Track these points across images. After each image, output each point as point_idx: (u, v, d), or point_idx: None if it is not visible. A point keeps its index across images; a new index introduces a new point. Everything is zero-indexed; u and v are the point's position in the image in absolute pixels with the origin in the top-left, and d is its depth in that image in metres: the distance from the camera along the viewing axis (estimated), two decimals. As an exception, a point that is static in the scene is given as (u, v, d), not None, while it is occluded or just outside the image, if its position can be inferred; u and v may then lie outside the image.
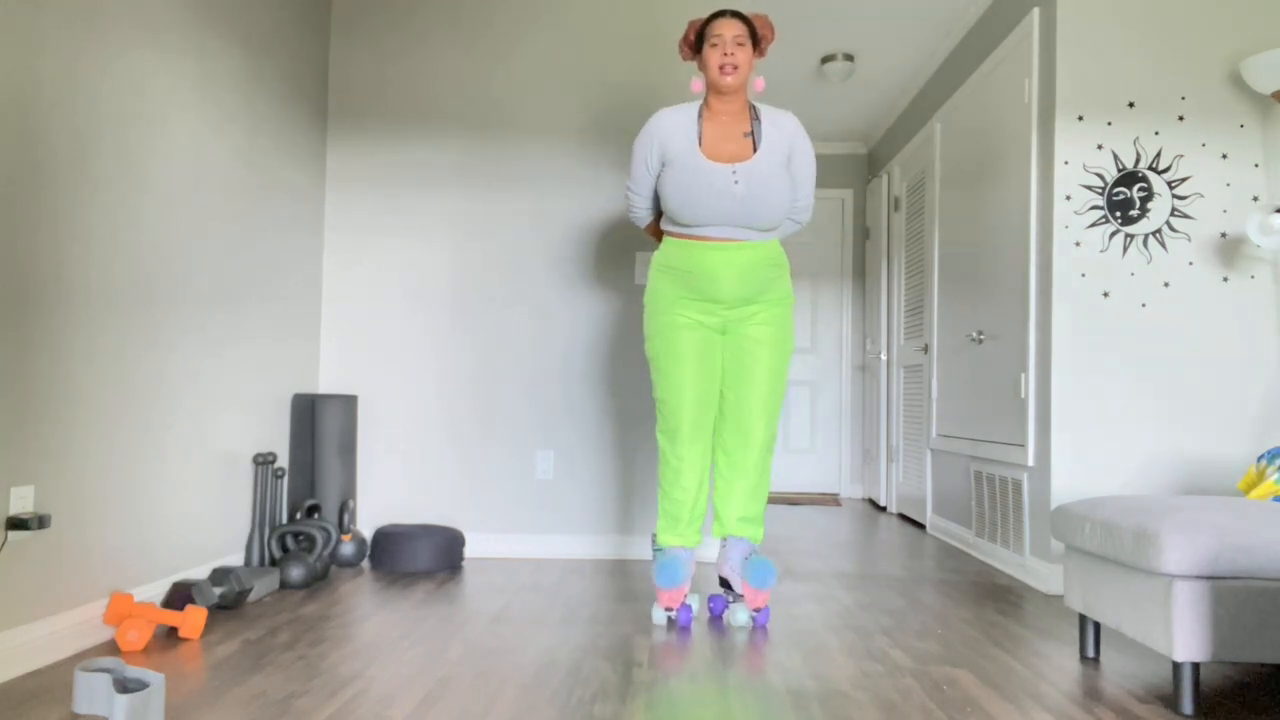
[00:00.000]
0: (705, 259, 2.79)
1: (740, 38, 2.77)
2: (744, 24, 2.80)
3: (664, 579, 2.78)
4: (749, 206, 2.74)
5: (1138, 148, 3.45)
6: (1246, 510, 2.22)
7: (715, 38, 2.77)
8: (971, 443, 4.30)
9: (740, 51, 2.76)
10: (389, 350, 4.00)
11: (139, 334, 2.70)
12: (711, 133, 2.81)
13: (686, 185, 2.74)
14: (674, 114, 2.84)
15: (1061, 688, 2.27)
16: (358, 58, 4.05)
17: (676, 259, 2.83)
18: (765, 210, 2.76)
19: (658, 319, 2.86)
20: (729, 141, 2.80)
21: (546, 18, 4.04)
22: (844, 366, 6.87)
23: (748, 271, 2.79)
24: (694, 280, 2.80)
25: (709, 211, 2.75)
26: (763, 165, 2.76)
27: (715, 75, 2.77)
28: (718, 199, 2.73)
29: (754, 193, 2.74)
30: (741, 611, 2.83)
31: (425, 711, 2.01)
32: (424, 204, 4.02)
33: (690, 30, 2.86)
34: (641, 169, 2.88)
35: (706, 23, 2.82)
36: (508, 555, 3.94)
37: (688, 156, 2.76)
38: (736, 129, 2.82)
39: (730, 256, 2.78)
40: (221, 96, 3.15)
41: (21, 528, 2.19)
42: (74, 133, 2.41)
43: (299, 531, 3.37)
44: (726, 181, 2.73)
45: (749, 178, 2.74)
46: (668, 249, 2.86)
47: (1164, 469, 3.41)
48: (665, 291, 2.85)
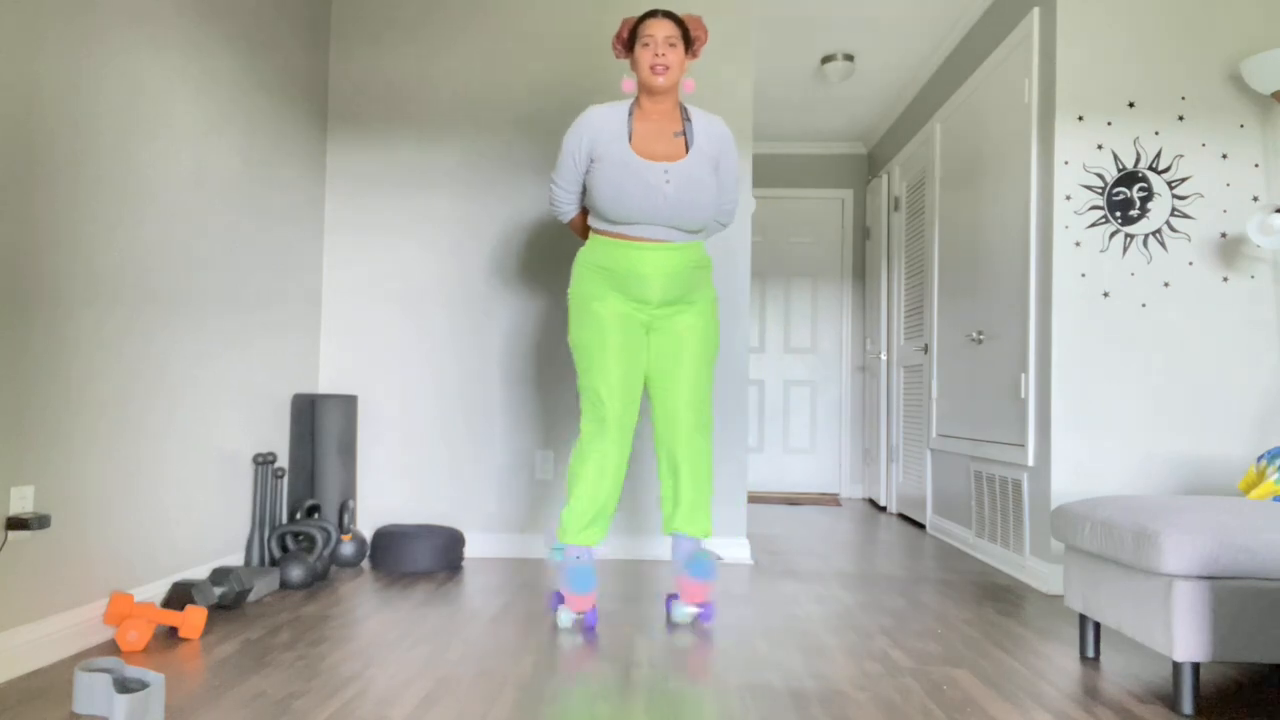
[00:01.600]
0: (634, 259, 2.79)
1: (672, 38, 2.76)
2: (676, 25, 2.79)
3: (578, 587, 2.73)
4: (678, 207, 2.75)
5: (1138, 148, 3.45)
6: (1246, 510, 2.22)
7: (647, 38, 2.76)
8: (971, 443, 4.30)
9: (672, 52, 2.76)
10: (389, 350, 4.00)
11: (139, 334, 2.70)
12: (642, 131, 2.81)
13: (618, 182, 2.73)
14: (605, 110, 2.83)
15: (1061, 688, 2.27)
16: (358, 58, 4.05)
17: (604, 258, 2.82)
18: (693, 211, 2.77)
19: (584, 308, 2.83)
20: (660, 141, 2.80)
21: (546, 18, 4.04)
22: (844, 366, 6.87)
23: (676, 273, 2.81)
24: (622, 280, 2.80)
25: (639, 210, 2.75)
26: (693, 166, 2.77)
27: (647, 75, 2.76)
28: (648, 197, 2.73)
29: (683, 193, 2.75)
30: (682, 606, 2.82)
31: (425, 711, 2.01)
32: (424, 204, 4.02)
33: (624, 28, 2.86)
34: (569, 163, 2.85)
35: (639, 22, 2.81)
36: (508, 555, 3.94)
37: (619, 154, 2.76)
38: (668, 128, 2.82)
39: (659, 258, 2.79)
40: (221, 96, 3.15)
41: (21, 528, 2.19)
42: (74, 133, 2.41)
43: (299, 531, 3.37)
44: (658, 180, 2.74)
45: (679, 178, 2.75)
46: (595, 247, 2.84)
47: (1164, 469, 3.41)
48: (590, 288, 2.83)
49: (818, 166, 6.97)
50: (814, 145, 6.95)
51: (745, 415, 3.98)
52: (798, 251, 6.95)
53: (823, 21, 4.74)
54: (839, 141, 6.92)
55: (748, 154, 3.99)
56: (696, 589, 2.80)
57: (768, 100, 5.95)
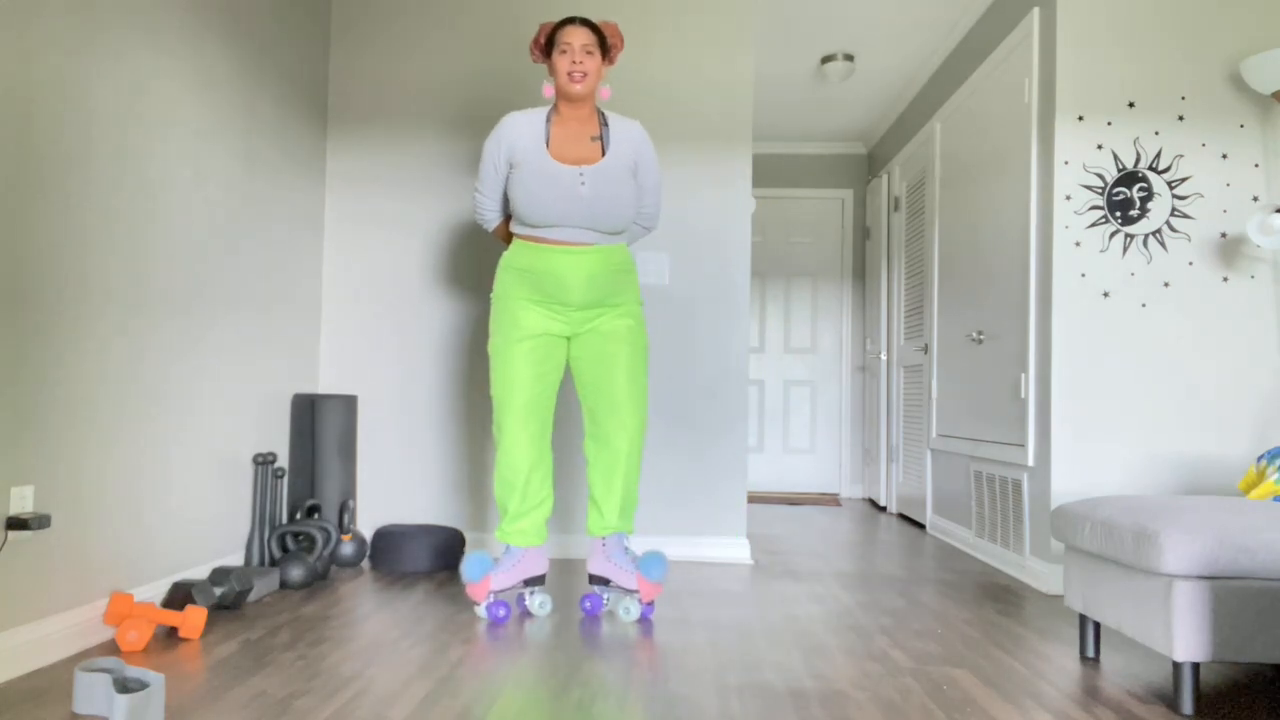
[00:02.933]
0: (553, 262, 2.82)
1: (589, 46, 2.81)
2: (593, 32, 2.83)
3: (465, 573, 2.83)
4: (594, 208, 2.79)
5: (1138, 148, 3.45)
6: (1246, 510, 2.22)
7: (565, 45, 2.81)
8: (971, 443, 4.30)
9: (589, 60, 2.81)
10: (389, 350, 4.00)
11: (139, 334, 2.70)
12: (559, 136, 2.85)
13: (534, 186, 2.78)
14: (523, 116, 2.88)
15: (1061, 688, 2.27)
16: (358, 58, 4.05)
17: (525, 260, 2.85)
18: (610, 213, 2.81)
19: (501, 317, 2.87)
20: (577, 144, 2.85)
21: (546, 18, 4.04)
22: (844, 366, 6.87)
23: (595, 275, 2.84)
24: (542, 282, 2.84)
25: (555, 212, 2.79)
26: (609, 169, 2.82)
27: (564, 82, 2.81)
28: (564, 200, 2.77)
29: (599, 194, 2.79)
30: (634, 605, 2.87)
31: (425, 711, 2.01)
32: (424, 204, 4.02)
33: (541, 33, 2.89)
34: (490, 170, 2.91)
35: (556, 29, 2.85)
36: (508, 555, 3.93)
37: (535, 158, 2.80)
38: (585, 133, 2.87)
39: (577, 260, 2.82)
40: (221, 97, 3.15)
41: (21, 528, 2.19)
42: (74, 133, 2.41)
43: (299, 531, 3.37)
44: (573, 182, 2.78)
45: (595, 180, 2.79)
46: (516, 250, 2.88)
47: (1164, 469, 3.41)
48: (512, 291, 2.87)
49: (818, 166, 6.97)
50: (814, 145, 6.95)
51: (745, 415, 3.98)
52: (798, 251, 6.95)
53: (823, 21, 4.74)
54: (839, 141, 6.92)
55: (748, 154, 3.99)
56: (653, 588, 2.86)
57: (768, 100, 5.95)
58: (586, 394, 2.93)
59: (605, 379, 2.89)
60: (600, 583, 2.93)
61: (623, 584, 2.88)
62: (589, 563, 2.96)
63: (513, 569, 2.88)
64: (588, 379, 2.91)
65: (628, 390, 2.89)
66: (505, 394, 2.85)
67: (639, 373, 2.92)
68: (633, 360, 2.90)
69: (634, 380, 2.90)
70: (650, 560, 2.86)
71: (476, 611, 2.89)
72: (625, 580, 2.88)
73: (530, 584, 2.93)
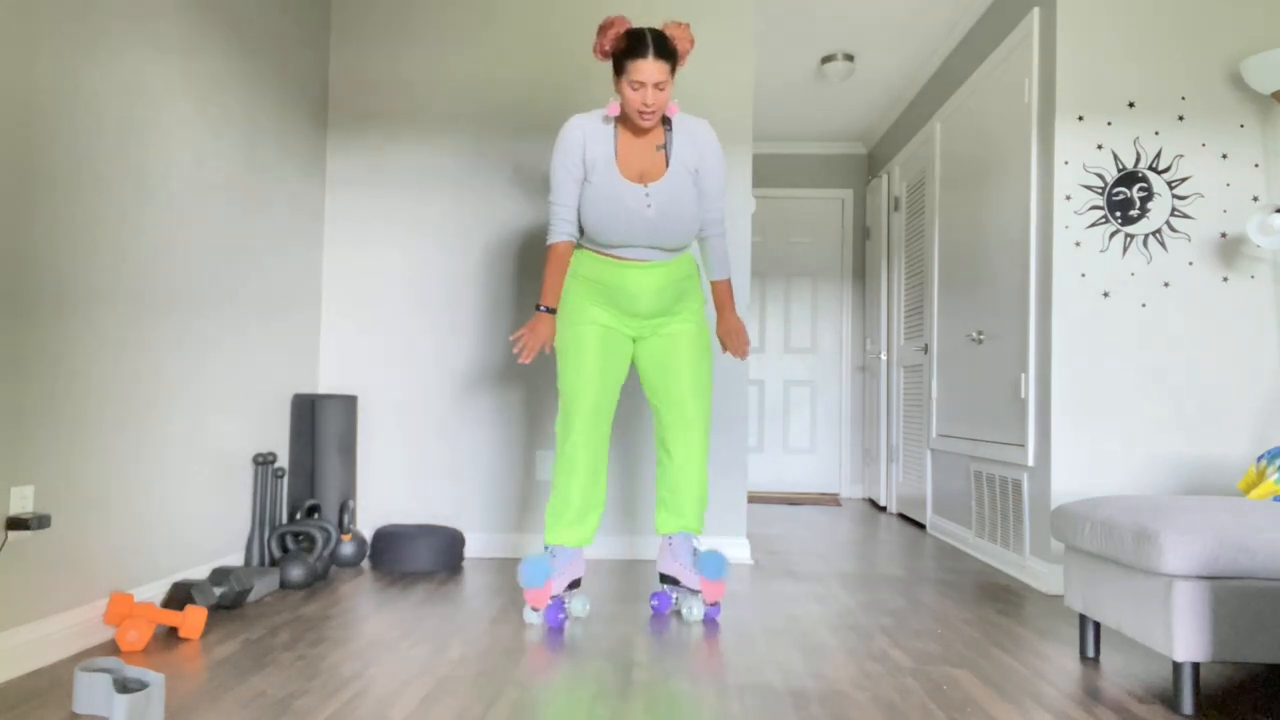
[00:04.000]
0: (622, 277, 2.83)
1: (661, 82, 2.65)
2: (666, 61, 2.65)
3: (525, 579, 2.76)
4: (659, 228, 2.78)
5: (1138, 148, 3.45)
6: (1246, 510, 2.22)
7: (637, 83, 2.65)
8: (971, 443, 4.30)
9: (661, 96, 2.67)
10: (389, 350, 4.00)
11: (139, 334, 2.70)
12: (626, 147, 2.80)
13: (603, 207, 2.76)
14: (588, 122, 2.79)
15: (1061, 688, 2.27)
16: (358, 59, 4.05)
17: (593, 272, 2.86)
18: (675, 232, 2.80)
19: (569, 315, 2.87)
20: (642, 157, 2.80)
21: (547, 17, 4.04)
22: (844, 366, 6.87)
23: (663, 288, 2.85)
24: (609, 293, 2.85)
25: (623, 233, 2.79)
26: (674, 183, 2.78)
27: (634, 116, 2.70)
28: (630, 221, 2.76)
29: (665, 214, 2.77)
30: (698, 606, 2.86)
31: (425, 711, 2.01)
32: (424, 204, 4.02)
33: (605, 39, 2.71)
34: (565, 180, 2.78)
35: (628, 53, 2.65)
36: (508, 555, 3.94)
37: (605, 173, 2.76)
38: (650, 142, 2.81)
39: (646, 275, 2.83)
40: (221, 98, 3.15)
41: (21, 528, 2.19)
42: (74, 134, 2.41)
43: (299, 531, 3.37)
44: (639, 204, 2.76)
45: (660, 199, 2.77)
46: (584, 261, 2.87)
47: (1164, 469, 3.41)
48: (580, 295, 2.87)
49: (818, 166, 6.97)
50: (814, 145, 6.95)
51: (745, 415, 3.98)
52: (798, 251, 6.95)
53: (823, 21, 4.74)
54: (839, 141, 6.92)
55: (748, 154, 3.99)
56: (716, 588, 2.85)
57: (768, 100, 5.95)
58: (654, 395, 2.93)
59: (672, 380, 2.89)
60: (670, 582, 2.93)
61: (688, 584, 2.88)
62: (659, 561, 2.96)
63: (565, 571, 2.85)
64: (654, 380, 2.91)
65: (693, 390, 2.88)
66: (575, 392, 2.83)
67: (704, 373, 2.91)
68: (698, 361, 2.90)
69: (700, 380, 2.90)
70: (708, 560, 2.85)
71: (529, 618, 2.83)
72: (690, 580, 2.88)
73: (571, 587, 2.91)
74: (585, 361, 2.83)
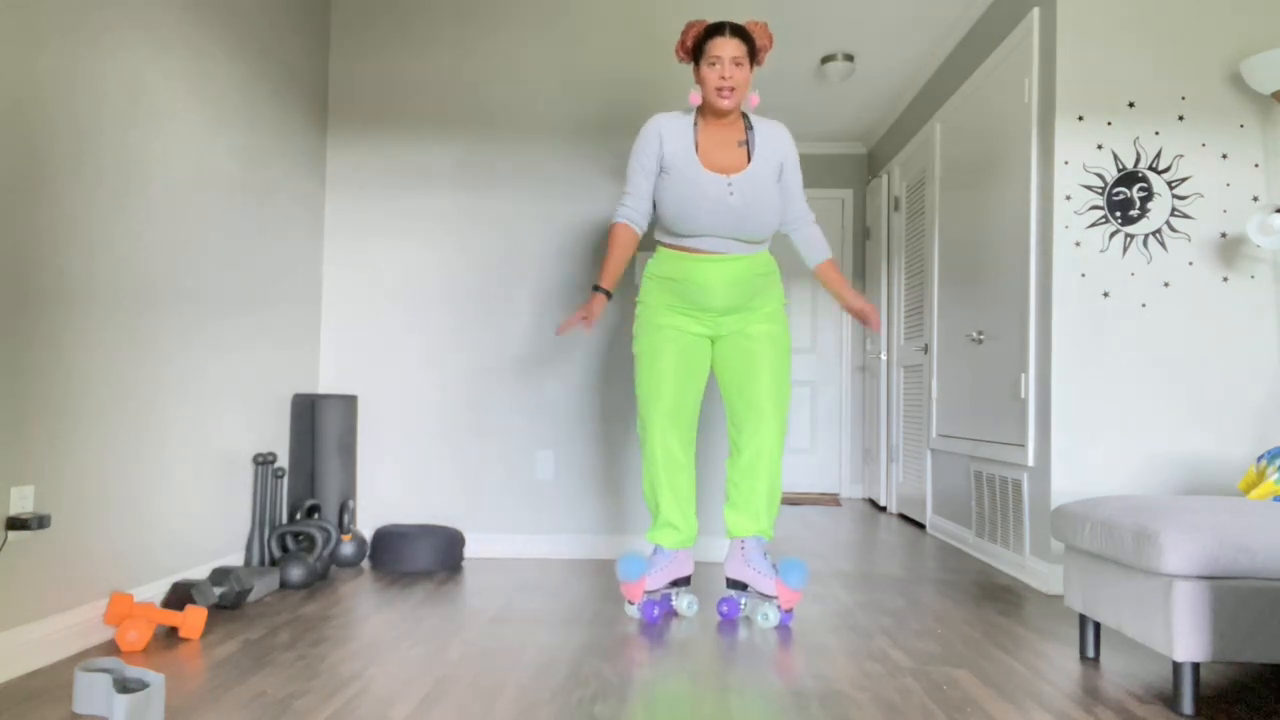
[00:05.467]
0: (697, 271, 2.83)
1: (739, 58, 2.74)
2: (743, 42, 2.76)
3: (620, 573, 2.87)
4: (742, 218, 2.78)
5: (1138, 148, 3.45)
6: (1246, 510, 2.22)
7: (714, 57, 2.74)
8: (971, 443, 4.30)
9: (738, 72, 2.75)
10: (389, 350, 4.00)
11: (139, 334, 2.70)
12: (707, 141, 2.83)
13: (684, 195, 2.77)
14: (671, 120, 2.85)
15: (1061, 688, 2.27)
16: (358, 59, 4.05)
17: (669, 270, 2.87)
18: (758, 222, 2.80)
19: (647, 319, 2.90)
20: (724, 151, 2.83)
21: (546, 18, 4.04)
22: (844, 366, 6.87)
23: (738, 281, 2.84)
24: (686, 290, 2.85)
25: (704, 223, 2.79)
26: (757, 177, 2.80)
27: (712, 96, 2.77)
28: (713, 210, 2.77)
29: (748, 204, 2.78)
30: (774, 612, 2.83)
31: (425, 711, 2.01)
32: (424, 205, 4.02)
33: (687, 36, 2.84)
34: (639, 173, 2.86)
35: (706, 36, 2.77)
36: (508, 555, 3.94)
37: (686, 165, 2.79)
38: (731, 138, 2.85)
39: (721, 268, 2.83)
40: (221, 98, 3.15)
41: (21, 528, 2.19)
42: (74, 134, 2.41)
43: (299, 531, 3.37)
44: (722, 192, 2.77)
45: (743, 189, 2.78)
46: (661, 260, 2.91)
47: (1164, 469, 3.41)
48: (656, 298, 2.90)
49: (818, 166, 6.97)
50: (814, 145, 6.95)
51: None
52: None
53: (823, 21, 4.74)
54: (839, 141, 6.92)
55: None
56: (794, 595, 2.83)
57: (768, 100, 5.95)
58: (730, 395, 2.91)
59: (749, 380, 2.87)
60: (737, 587, 2.91)
61: (761, 589, 2.85)
62: (727, 565, 2.93)
63: (664, 569, 2.89)
64: (731, 380, 2.90)
65: (771, 392, 2.86)
66: (651, 393, 2.85)
67: (782, 374, 2.89)
68: (776, 361, 2.88)
69: (777, 382, 2.88)
70: (791, 566, 2.83)
71: (629, 611, 2.91)
72: (764, 585, 2.85)
73: (677, 584, 2.93)
74: (661, 366, 2.85)
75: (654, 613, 2.85)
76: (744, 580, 2.89)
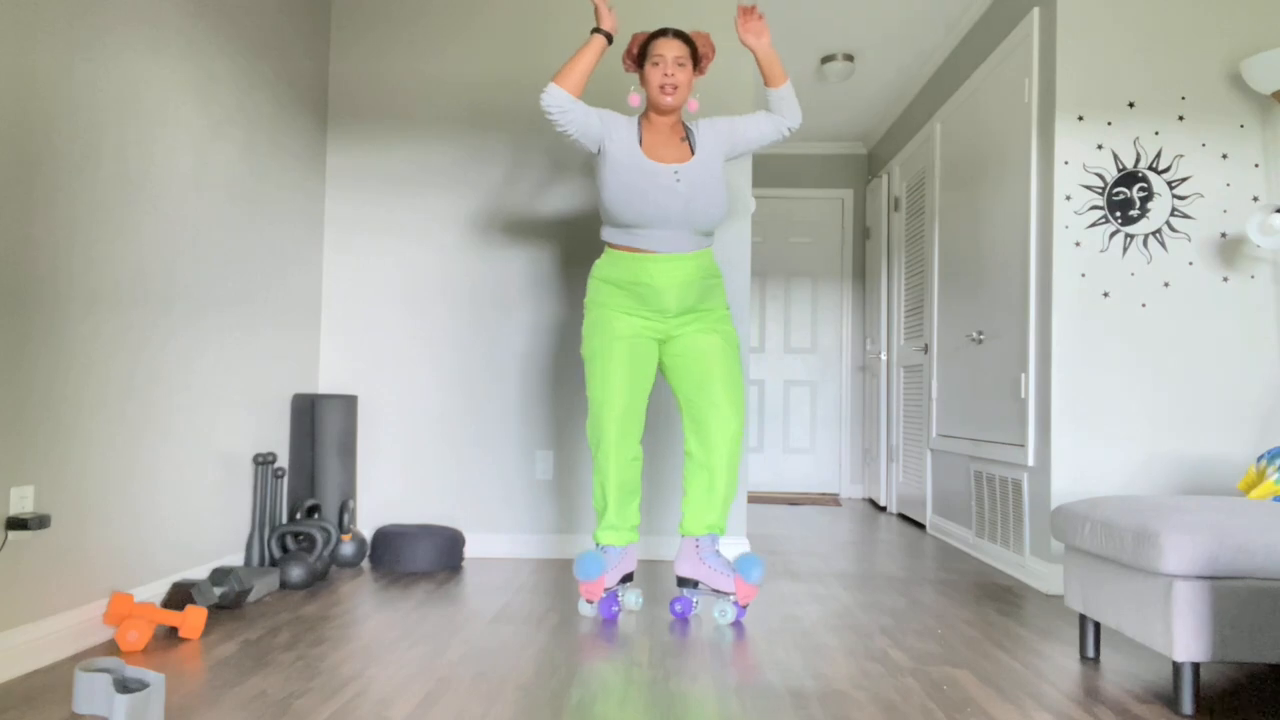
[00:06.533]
0: (647, 271, 2.84)
1: (681, 58, 2.83)
2: (686, 44, 2.85)
3: (580, 572, 2.86)
4: (691, 206, 2.81)
5: (1138, 148, 3.45)
6: (1246, 510, 2.22)
7: (657, 57, 2.83)
8: (971, 443, 4.30)
9: (680, 72, 2.82)
10: (389, 350, 4.00)
11: (139, 334, 2.70)
12: (651, 139, 2.88)
13: (631, 183, 2.79)
14: (613, 114, 2.90)
15: (1061, 688, 2.27)
16: (358, 58, 4.05)
17: (619, 272, 2.87)
18: (706, 210, 2.83)
19: (596, 320, 2.90)
20: (668, 148, 2.88)
21: (545, 18, 4.04)
22: (844, 366, 6.87)
23: (690, 281, 2.86)
24: (637, 291, 2.86)
25: (651, 211, 2.79)
26: (702, 166, 2.84)
27: (655, 94, 2.84)
28: (661, 197, 2.79)
29: (696, 192, 2.81)
30: (731, 608, 2.86)
31: (425, 711, 2.01)
32: (424, 204, 4.02)
33: (634, 44, 2.91)
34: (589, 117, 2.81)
35: (649, 40, 2.86)
36: (508, 555, 3.94)
37: (629, 155, 2.81)
38: (674, 134, 2.90)
39: (672, 268, 2.84)
40: (221, 97, 3.15)
41: (21, 528, 2.19)
42: (74, 133, 2.41)
43: (299, 531, 3.37)
44: (669, 180, 2.80)
45: (689, 176, 2.81)
46: (610, 262, 2.90)
47: (1164, 469, 3.41)
48: (605, 299, 2.90)
49: (818, 166, 6.97)
50: (814, 145, 6.95)
51: (745, 415, 3.98)
52: (798, 251, 6.94)
53: (823, 21, 4.74)
54: (839, 141, 6.92)
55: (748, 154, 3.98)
56: (751, 590, 2.85)
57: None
58: (685, 395, 2.93)
59: (703, 379, 2.89)
60: (689, 585, 2.92)
61: (716, 586, 2.87)
62: (677, 564, 2.93)
63: (615, 567, 2.91)
64: (686, 380, 2.92)
65: (725, 388, 2.89)
66: (603, 398, 2.87)
67: (735, 371, 2.92)
68: (728, 359, 2.91)
69: (731, 378, 2.90)
70: (748, 562, 2.85)
71: (584, 610, 2.93)
72: (719, 582, 2.86)
73: (624, 581, 2.96)
74: (612, 372, 2.86)
75: (613, 609, 2.89)
76: (697, 578, 2.90)
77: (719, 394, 2.88)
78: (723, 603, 2.87)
